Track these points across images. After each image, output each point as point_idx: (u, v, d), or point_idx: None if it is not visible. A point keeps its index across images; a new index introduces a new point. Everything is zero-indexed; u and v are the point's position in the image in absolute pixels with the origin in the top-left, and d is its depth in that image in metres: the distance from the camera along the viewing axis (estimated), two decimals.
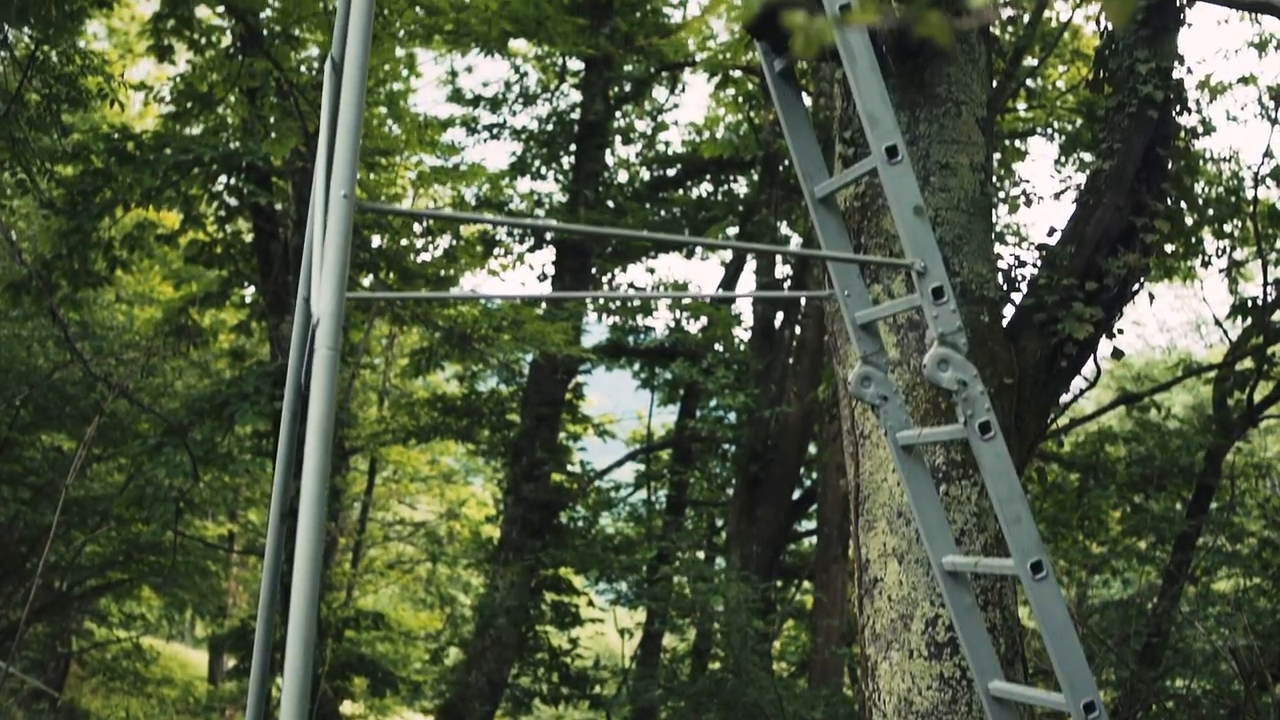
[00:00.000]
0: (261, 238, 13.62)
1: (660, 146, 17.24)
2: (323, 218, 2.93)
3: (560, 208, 15.66)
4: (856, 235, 4.48)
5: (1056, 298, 4.84)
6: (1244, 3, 4.76)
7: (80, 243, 12.14)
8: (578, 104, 16.07)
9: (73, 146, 12.07)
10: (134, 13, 18.10)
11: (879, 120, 3.38)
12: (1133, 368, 18.77)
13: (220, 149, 12.27)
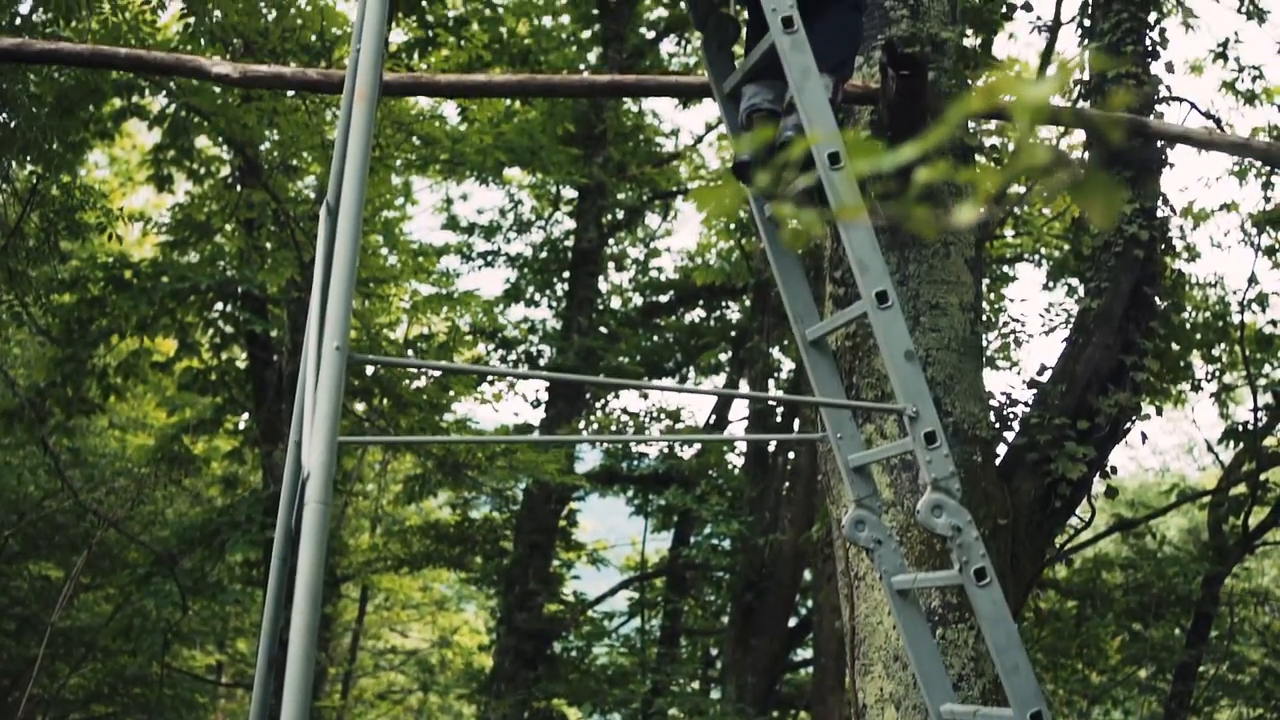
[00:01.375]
0: (256, 365, 13.66)
1: (653, 273, 17.40)
2: (315, 369, 2.94)
3: (554, 334, 15.73)
4: (848, 375, 4.50)
5: (1049, 437, 4.85)
6: (1224, 145, 4.86)
7: (75, 371, 12.17)
8: (571, 231, 16.25)
9: (70, 275, 12.17)
10: (135, 142, 18.38)
11: (869, 266, 3.42)
12: (1126, 491, 18.72)
13: (217, 277, 12.36)
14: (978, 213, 1.26)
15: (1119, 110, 4.66)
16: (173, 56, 4.11)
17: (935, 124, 3.77)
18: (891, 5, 4.82)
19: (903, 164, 1.06)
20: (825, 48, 3.67)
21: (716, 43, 4.05)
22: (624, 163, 15.75)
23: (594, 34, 15.89)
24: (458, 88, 4.04)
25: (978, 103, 1.04)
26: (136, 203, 21.40)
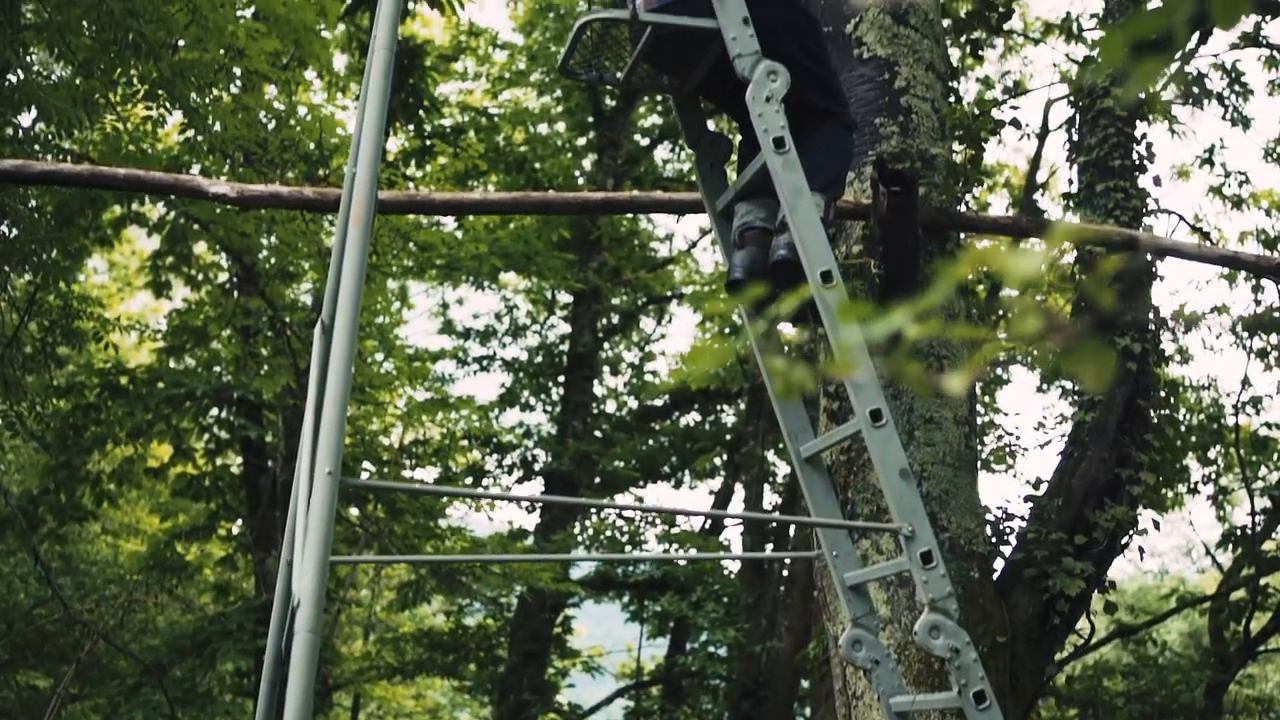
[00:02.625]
0: (250, 471, 13.61)
1: (648, 376, 17.43)
2: (307, 493, 2.92)
3: (549, 439, 15.71)
4: (843, 490, 4.49)
5: (1047, 553, 4.82)
6: (1214, 257, 4.90)
7: (69, 477, 12.13)
8: (566, 335, 16.31)
9: (65, 381, 12.18)
10: (134, 247, 18.51)
11: (862, 385, 3.42)
12: (1125, 594, 18.57)
13: (213, 383, 12.38)
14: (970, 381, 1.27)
15: (1109, 276, 4.72)
16: (171, 177, 4.15)
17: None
18: (881, 121, 4.89)
19: (894, 330, 1.07)
20: (817, 166, 3.71)
21: (709, 161, 4.10)
22: (619, 267, 15.86)
23: (589, 141, 16.10)
24: (453, 205, 4.08)
25: (966, 269, 1.04)
26: (134, 307, 21.51)
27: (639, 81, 4.16)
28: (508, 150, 15.08)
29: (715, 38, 3.67)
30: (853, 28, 5.06)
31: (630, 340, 17.73)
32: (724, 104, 4.30)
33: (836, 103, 3.98)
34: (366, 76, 3.62)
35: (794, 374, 1.24)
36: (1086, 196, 5.65)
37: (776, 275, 3.71)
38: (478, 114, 15.13)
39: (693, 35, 3.78)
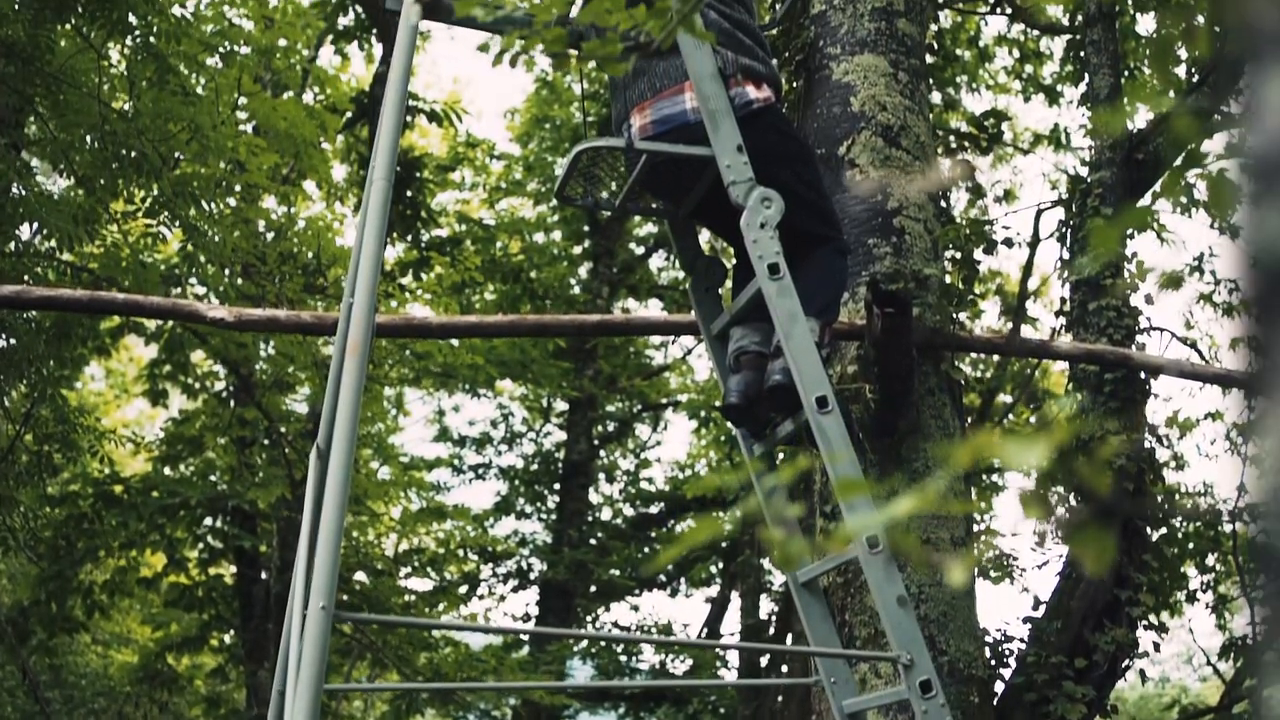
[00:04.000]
0: (243, 581, 13.50)
1: (644, 483, 17.39)
2: (300, 624, 2.90)
3: (544, 548, 15.63)
4: (840, 612, 4.46)
5: (1047, 676, 4.78)
6: (1207, 376, 4.93)
7: (60, 588, 12.02)
8: (562, 443, 16.30)
9: (59, 491, 12.13)
10: (132, 355, 18.56)
11: (858, 510, 3.42)
12: (1127, 703, 18.34)
13: (208, 492, 12.33)
14: (969, 572, 1.28)
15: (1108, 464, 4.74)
16: (169, 302, 4.19)
17: (920, 360, 3.79)
18: (875, 242, 4.94)
19: (896, 518, 1.07)
20: (811, 292, 3.75)
21: (705, 285, 4.14)
22: (614, 375, 15.91)
23: (585, 250, 16.24)
24: (450, 329, 4.11)
25: (966, 458, 1.05)
26: (130, 413, 21.49)
27: (635, 207, 4.21)
28: (504, 260, 15.20)
29: (710, 164, 3.73)
30: (845, 150, 5.13)
31: (626, 448, 17.71)
32: (719, 229, 4.36)
33: (830, 228, 4.03)
34: (365, 203, 3.66)
35: (791, 546, 1.24)
36: (1079, 315, 5.69)
37: (772, 400, 3.73)
38: (474, 224, 15.28)
39: (688, 162, 3.84)
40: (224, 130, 8.70)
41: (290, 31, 11.82)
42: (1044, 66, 11.84)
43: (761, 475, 3.97)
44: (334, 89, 14.28)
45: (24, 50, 7.37)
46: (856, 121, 5.16)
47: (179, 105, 7.92)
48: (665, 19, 2.54)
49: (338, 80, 14.59)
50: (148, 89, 8.13)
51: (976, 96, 13.45)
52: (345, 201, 14.65)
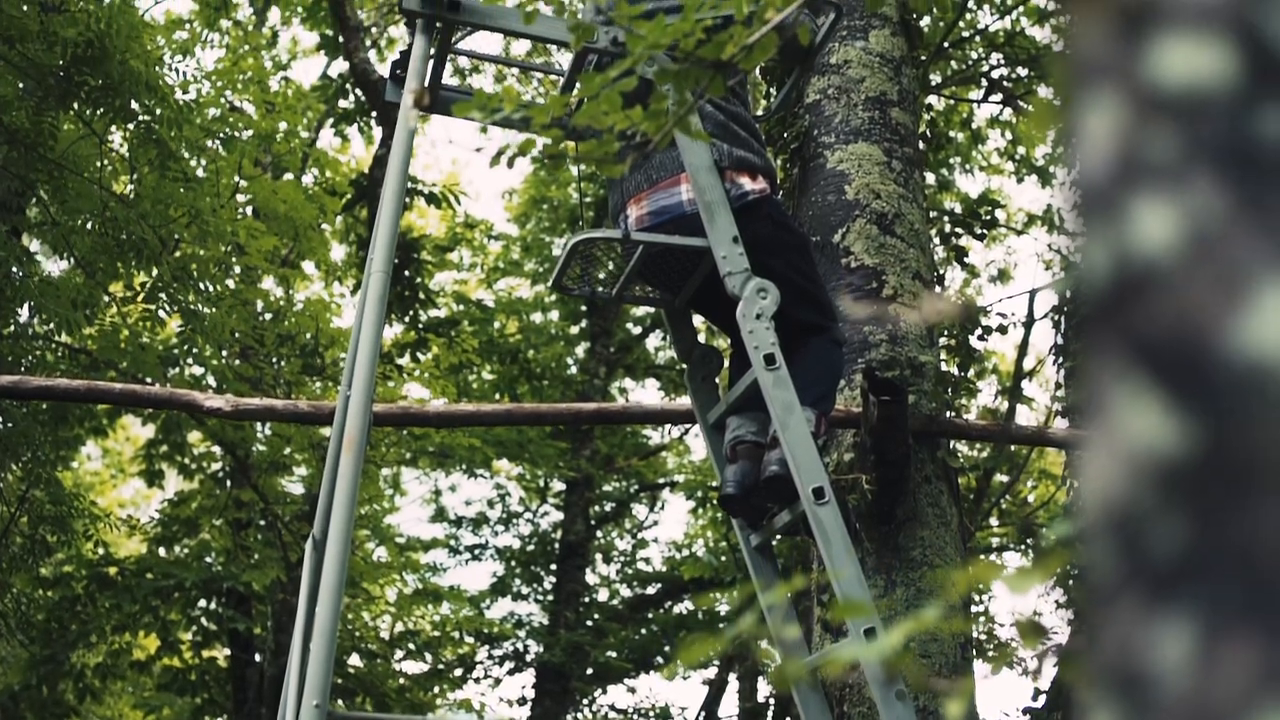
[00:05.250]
0: (237, 664, 13.38)
1: (641, 564, 17.30)
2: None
3: (541, 630, 15.51)
4: (839, 704, 4.43)
5: None
6: None
7: (52, 673, 11.91)
8: (559, 523, 16.24)
9: (53, 573, 12.05)
10: (129, 433, 18.53)
11: (855, 601, 3.41)
12: None
13: (203, 574, 12.25)
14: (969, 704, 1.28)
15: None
16: (166, 391, 4.21)
17: (915, 447, 3.80)
18: (870, 330, 4.97)
19: (893, 646, 1.07)
20: (807, 382, 3.76)
21: (701, 374, 4.15)
22: (611, 455, 15.88)
23: (582, 330, 16.29)
24: (446, 418, 4.13)
25: (962, 586, 1.06)
26: (126, 493, 21.42)
27: (631, 297, 4.24)
28: (501, 340, 15.24)
29: (706, 255, 3.76)
30: (840, 237, 5.17)
31: (623, 528, 17.64)
32: (715, 318, 4.38)
33: (826, 317, 4.05)
34: (363, 293, 3.69)
35: (789, 668, 1.24)
36: (1075, 401, 5.70)
37: (768, 491, 3.73)
38: (472, 305, 15.35)
39: (684, 252, 3.88)
40: (223, 214, 8.76)
41: (291, 116, 11.95)
42: (1036, 149, 11.97)
43: (758, 566, 3.96)
44: (334, 170, 14.42)
45: (27, 136, 7.45)
46: (851, 209, 5.20)
47: (179, 190, 7.99)
48: (661, 120, 2.57)
49: (337, 162, 14.73)
50: (149, 172, 8.21)
51: (970, 178, 13.58)
52: (344, 281, 14.74)
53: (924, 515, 4.63)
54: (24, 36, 7.06)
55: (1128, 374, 0.57)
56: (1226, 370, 0.55)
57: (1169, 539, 0.55)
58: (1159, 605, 0.55)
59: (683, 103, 2.60)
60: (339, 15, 12.30)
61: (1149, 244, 0.57)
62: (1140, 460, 0.56)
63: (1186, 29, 0.58)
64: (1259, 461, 0.54)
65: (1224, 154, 0.56)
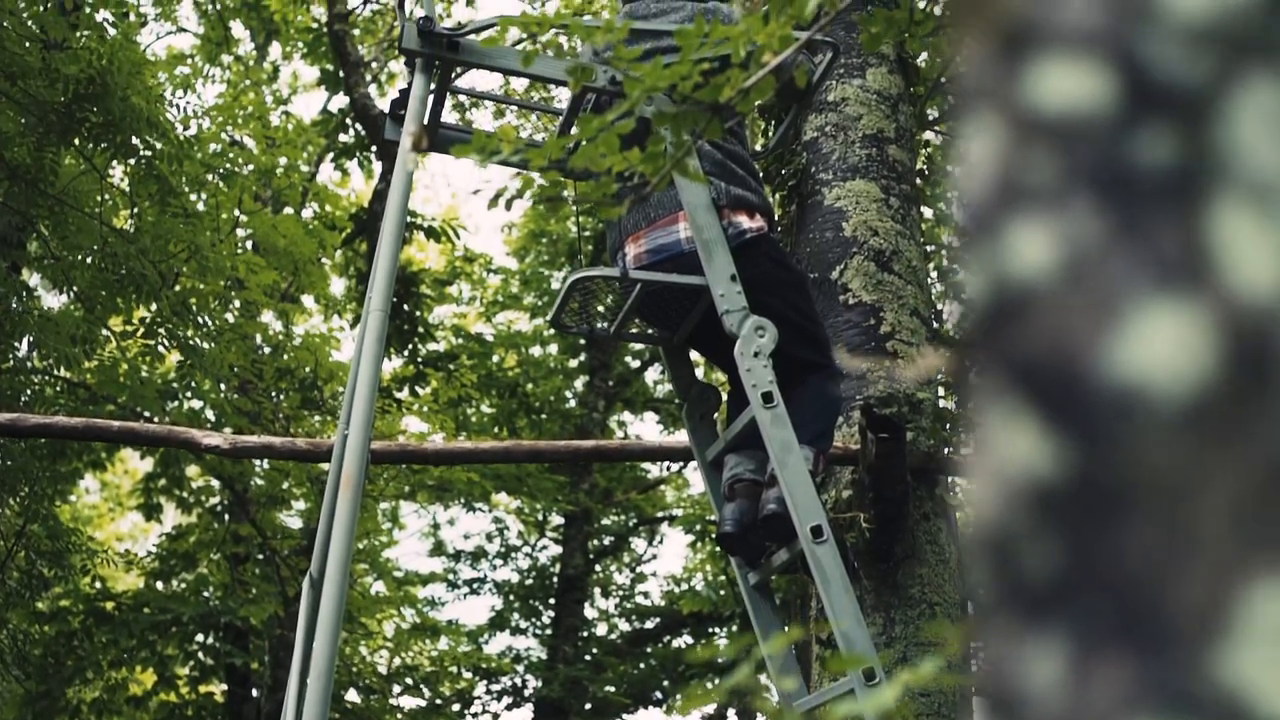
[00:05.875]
0: (234, 699, 13.32)
1: (639, 598, 17.24)
2: None
3: (539, 664, 15.45)
4: None
5: None
6: None
7: (48, 708, 11.85)
8: (557, 557, 16.20)
9: (50, 608, 12.00)
10: (127, 467, 18.50)
11: (854, 640, 3.40)
12: None
13: (200, 608, 12.21)
14: None
15: None
16: (164, 429, 4.21)
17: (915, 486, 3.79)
18: (868, 368, 4.97)
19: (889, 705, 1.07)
20: (805, 420, 3.76)
21: (699, 412, 4.15)
22: (610, 489, 15.85)
23: (581, 363, 16.29)
24: (445, 455, 4.13)
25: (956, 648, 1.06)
26: (124, 526, 21.38)
27: (629, 335, 4.25)
28: (500, 374, 15.25)
29: (704, 293, 3.77)
30: (838, 274, 5.19)
31: (621, 562, 17.60)
32: (713, 356, 4.39)
33: (823, 355, 4.05)
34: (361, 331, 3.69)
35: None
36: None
37: (766, 530, 3.73)
38: (471, 339, 15.36)
39: (682, 290, 3.89)
40: (222, 248, 8.79)
41: (291, 151, 12.00)
42: None
43: (756, 605, 3.95)
44: (333, 204, 14.45)
45: (28, 172, 7.48)
46: (849, 246, 5.21)
47: (179, 226, 8.01)
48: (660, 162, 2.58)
49: (337, 196, 14.77)
50: (149, 207, 8.23)
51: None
52: (343, 315, 14.75)
53: (923, 553, 4.62)
54: (26, 73, 7.10)
55: (1004, 396, 0.57)
56: (1099, 394, 0.55)
57: (1042, 561, 0.55)
58: (1033, 626, 0.55)
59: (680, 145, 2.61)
60: (339, 51, 12.37)
61: (1026, 267, 0.58)
62: (1015, 482, 0.57)
63: (1065, 53, 0.59)
64: (1129, 484, 0.54)
65: (1101, 178, 0.57)
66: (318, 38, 14.01)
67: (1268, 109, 0.57)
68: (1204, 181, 0.56)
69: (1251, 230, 0.56)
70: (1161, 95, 0.57)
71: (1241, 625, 0.52)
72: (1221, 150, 0.56)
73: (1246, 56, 0.57)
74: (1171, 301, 0.55)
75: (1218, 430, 0.54)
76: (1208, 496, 0.53)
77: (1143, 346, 0.55)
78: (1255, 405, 0.54)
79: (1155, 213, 0.56)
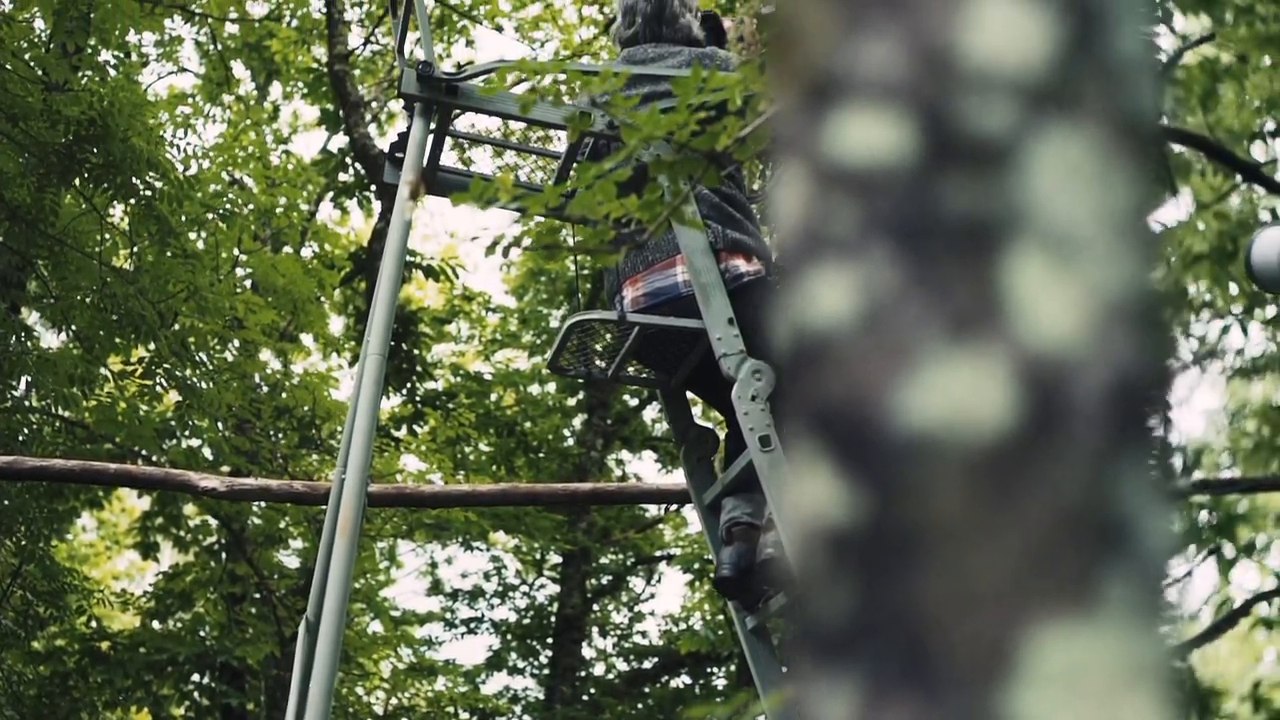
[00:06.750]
0: None
1: (638, 637, 17.15)
2: None
3: (536, 705, 15.37)
4: None
5: None
6: None
7: None
8: (555, 596, 16.13)
9: (45, 648, 11.94)
10: (124, 505, 18.45)
11: None
12: None
13: (196, 648, 12.15)
14: None
15: None
16: (161, 472, 4.21)
17: None
18: None
19: None
20: None
21: (696, 455, 4.15)
22: (608, 528, 15.80)
23: (579, 402, 16.28)
24: (442, 498, 4.14)
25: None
26: (121, 565, 21.27)
27: (627, 377, 4.26)
28: (498, 413, 15.24)
29: (701, 336, 3.78)
30: None
31: (619, 601, 17.52)
32: (710, 399, 4.39)
33: None
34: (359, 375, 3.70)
35: None
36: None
37: (764, 574, 3.72)
38: (469, 378, 15.36)
39: (679, 333, 3.89)
40: (221, 288, 8.80)
41: (291, 191, 12.05)
42: None
43: (753, 647, 3.94)
44: (333, 243, 14.49)
45: (29, 213, 7.50)
46: None
47: (179, 267, 8.04)
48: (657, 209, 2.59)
49: (336, 235, 14.81)
50: (149, 246, 8.26)
51: None
52: (341, 353, 14.76)
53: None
54: (27, 114, 7.14)
55: (805, 442, 0.58)
56: (892, 441, 0.56)
57: (836, 604, 0.56)
58: (827, 668, 0.56)
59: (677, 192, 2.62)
60: (340, 91, 12.44)
61: (825, 315, 0.58)
62: (814, 526, 0.57)
63: (867, 105, 0.59)
64: (919, 530, 0.55)
65: (900, 228, 0.58)
66: (318, 78, 14.09)
67: (1065, 160, 0.58)
68: (1001, 231, 0.57)
69: (1046, 279, 0.57)
70: (961, 146, 0.58)
71: (1026, 668, 0.53)
72: (1019, 200, 0.57)
73: (1045, 108, 0.58)
74: (965, 349, 0.56)
75: (1008, 477, 0.55)
76: (996, 542, 0.54)
77: (935, 394, 0.56)
78: (1046, 452, 0.55)
79: (952, 262, 0.57)
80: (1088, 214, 0.57)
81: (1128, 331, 0.56)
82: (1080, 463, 0.55)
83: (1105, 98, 0.58)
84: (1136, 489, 0.55)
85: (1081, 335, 0.56)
